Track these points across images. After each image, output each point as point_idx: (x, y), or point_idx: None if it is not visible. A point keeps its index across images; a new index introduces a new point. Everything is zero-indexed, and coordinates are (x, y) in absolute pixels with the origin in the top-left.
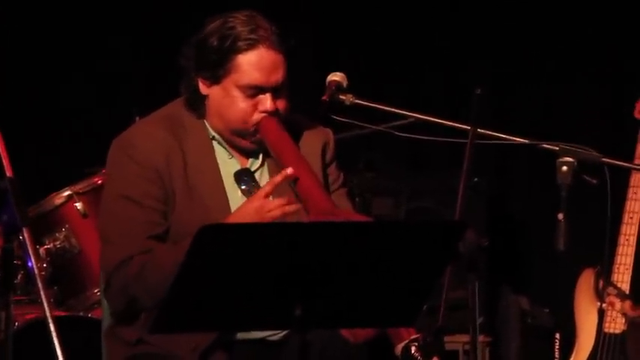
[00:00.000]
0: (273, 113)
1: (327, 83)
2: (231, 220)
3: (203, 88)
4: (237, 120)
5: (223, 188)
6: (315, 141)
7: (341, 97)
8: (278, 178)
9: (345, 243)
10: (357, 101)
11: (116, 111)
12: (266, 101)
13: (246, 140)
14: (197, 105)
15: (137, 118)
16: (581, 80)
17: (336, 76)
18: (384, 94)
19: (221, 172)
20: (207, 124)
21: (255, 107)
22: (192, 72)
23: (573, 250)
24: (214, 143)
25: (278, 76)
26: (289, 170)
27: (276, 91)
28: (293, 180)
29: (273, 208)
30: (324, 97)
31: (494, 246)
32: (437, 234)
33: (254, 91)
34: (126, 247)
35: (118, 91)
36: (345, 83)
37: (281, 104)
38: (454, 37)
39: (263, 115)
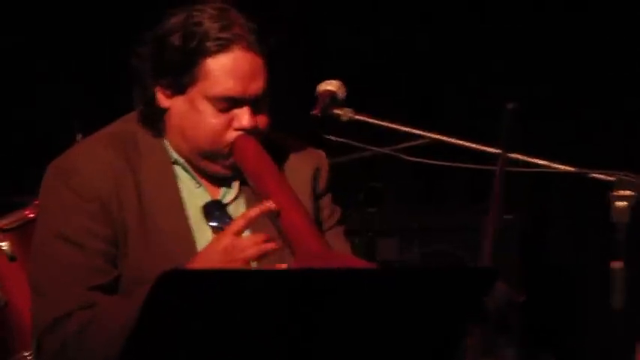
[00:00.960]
0: (252, 131)
1: (318, 94)
2: (196, 263)
3: (162, 99)
4: (207, 140)
5: (188, 226)
6: (304, 166)
7: (336, 111)
8: (254, 211)
9: (341, 295)
10: (356, 117)
11: (54, 127)
12: (243, 116)
13: (218, 165)
14: (154, 120)
15: (79, 137)
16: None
17: (330, 85)
18: (390, 108)
19: (185, 206)
20: (167, 144)
21: (229, 124)
22: (148, 78)
23: (633, 308)
24: (177, 168)
25: (257, 85)
26: (270, 202)
27: (255, 104)
28: (275, 214)
29: (246, 247)
30: (314, 111)
31: (531, 302)
32: (457, 285)
33: (228, 103)
34: (62, 301)
35: (56, 102)
36: (341, 94)
37: (261, 120)
38: (478, 42)
39: (239, 133)
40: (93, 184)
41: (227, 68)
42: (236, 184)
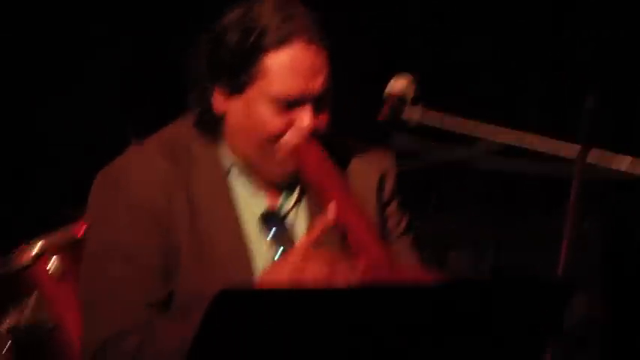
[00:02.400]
0: (314, 132)
1: (385, 96)
2: (262, 281)
3: (219, 100)
4: (265, 141)
5: (242, 237)
6: (369, 172)
7: (404, 116)
8: (316, 230)
9: (411, 312)
10: (425, 122)
11: (105, 132)
12: (304, 116)
13: (277, 170)
14: (211, 125)
15: (133, 142)
16: None
17: (398, 84)
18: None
19: (241, 216)
20: (222, 150)
21: (289, 124)
22: (204, 80)
23: None
24: (234, 174)
25: (320, 82)
26: (330, 214)
27: (316, 102)
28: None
29: (315, 270)
30: (380, 117)
31: (614, 317)
32: (533, 299)
33: (288, 103)
34: (115, 320)
35: (107, 104)
36: (411, 92)
37: (323, 119)
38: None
39: (300, 134)
40: (145, 195)
41: (287, 65)
42: (296, 191)
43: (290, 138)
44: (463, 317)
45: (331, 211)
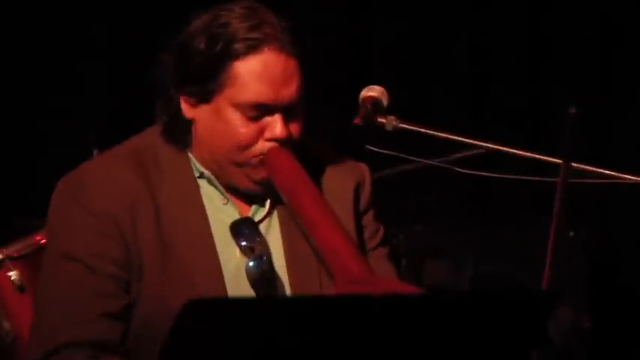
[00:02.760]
0: (285, 141)
1: (360, 100)
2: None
3: (187, 109)
4: (235, 151)
5: (213, 245)
6: (345, 181)
7: (380, 119)
8: None
9: (385, 324)
10: (402, 125)
11: (67, 141)
12: (275, 125)
13: (248, 180)
14: (179, 133)
15: (95, 152)
16: None
17: (372, 91)
18: (437, 115)
19: (211, 224)
20: (192, 158)
21: (259, 133)
22: (171, 88)
23: None
24: (203, 183)
25: (291, 90)
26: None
27: (288, 111)
28: (309, 232)
29: None
30: (356, 120)
31: (599, 328)
32: (515, 310)
33: (258, 111)
34: (68, 327)
35: (69, 113)
36: (385, 101)
37: (295, 128)
38: (534, 41)
39: (271, 144)
40: (105, 200)
41: (257, 71)
42: (268, 202)
43: (260, 147)
44: (443, 330)
45: (304, 217)
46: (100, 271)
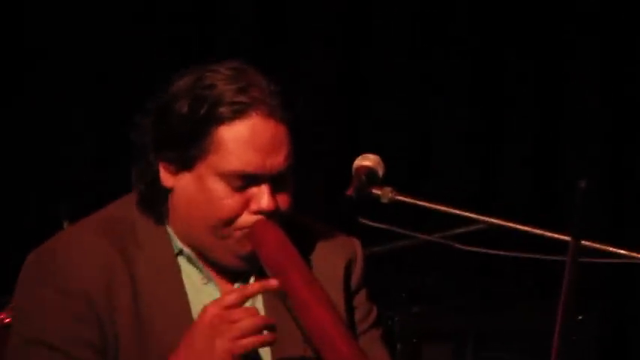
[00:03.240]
0: (272, 214)
1: (353, 170)
2: (181, 350)
3: (166, 177)
4: (217, 224)
5: None
6: (335, 257)
7: (375, 191)
8: (254, 286)
9: None
10: (399, 198)
11: (36, 211)
12: (261, 197)
13: (231, 255)
14: (156, 203)
15: (65, 224)
16: None
17: (366, 161)
18: (436, 188)
19: (191, 306)
20: (170, 231)
21: (245, 205)
22: (149, 154)
23: None
24: (182, 260)
25: (279, 159)
26: (273, 281)
27: (276, 181)
28: (298, 312)
29: (238, 318)
30: (348, 192)
31: None
32: None
33: (244, 181)
34: None
35: (40, 181)
36: (381, 170)
37: (283, 200)
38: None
39: (257, 217)
40: (79, 278)
41: (243, 138)
42: (252, 279)
43: (245, 220)
44: None
45: (292, 295)
46: (71, 355)
